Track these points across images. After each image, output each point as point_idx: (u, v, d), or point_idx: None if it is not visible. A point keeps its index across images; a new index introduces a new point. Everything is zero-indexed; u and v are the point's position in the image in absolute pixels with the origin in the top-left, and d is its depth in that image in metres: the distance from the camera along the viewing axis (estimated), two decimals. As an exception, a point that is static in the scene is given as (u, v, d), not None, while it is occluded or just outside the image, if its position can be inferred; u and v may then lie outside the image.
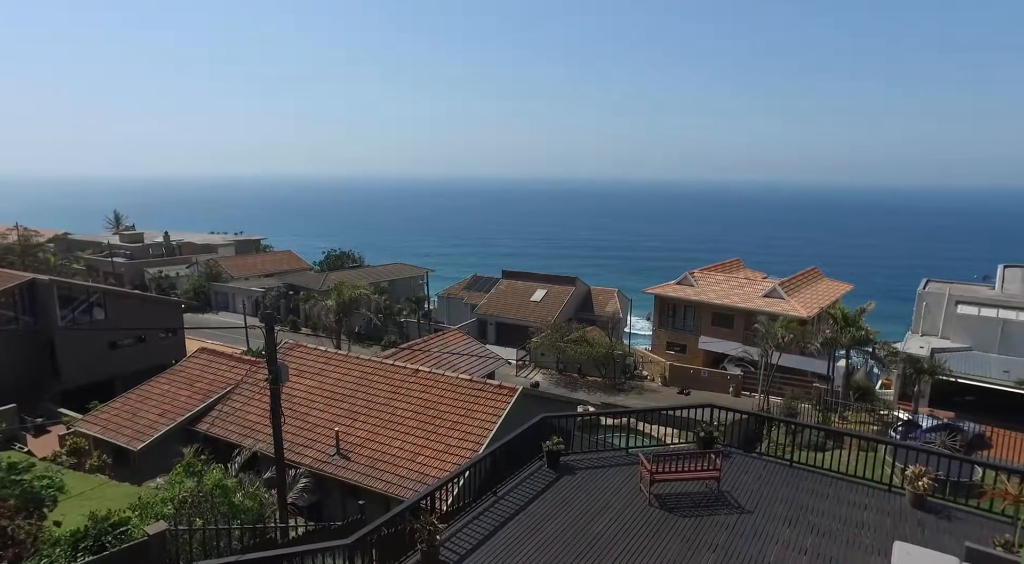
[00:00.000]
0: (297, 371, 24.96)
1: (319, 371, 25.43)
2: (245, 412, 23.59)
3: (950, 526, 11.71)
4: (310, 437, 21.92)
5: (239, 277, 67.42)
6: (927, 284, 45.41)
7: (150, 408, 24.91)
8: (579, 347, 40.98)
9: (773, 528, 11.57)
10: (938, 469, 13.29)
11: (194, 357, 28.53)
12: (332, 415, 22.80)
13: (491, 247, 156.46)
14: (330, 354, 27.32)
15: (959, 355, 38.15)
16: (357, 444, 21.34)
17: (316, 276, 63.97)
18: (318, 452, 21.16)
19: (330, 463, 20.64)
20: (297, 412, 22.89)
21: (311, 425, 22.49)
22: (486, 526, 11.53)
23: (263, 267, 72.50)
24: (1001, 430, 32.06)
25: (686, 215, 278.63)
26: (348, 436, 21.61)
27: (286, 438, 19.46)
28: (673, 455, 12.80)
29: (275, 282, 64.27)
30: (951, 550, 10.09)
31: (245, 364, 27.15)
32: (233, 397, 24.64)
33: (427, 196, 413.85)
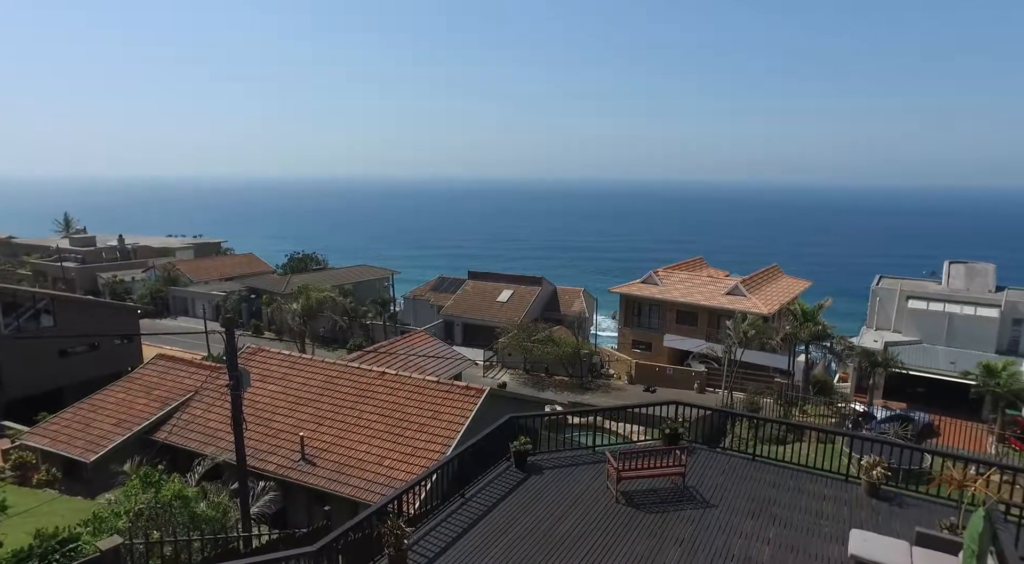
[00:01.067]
0: (260, 376, 24.43)
1: (283, 376, 24.94)
2: (206, 419, 22.98)
3: (902, 512, 12.14)
4: (274, 443, 21.47)
5: (198, 281, 65.71)
6: (880, 280, 47.01)
7: (104, 418, 24.04)
8: (546, 347, 41.16)
9: (737, 521, 11.81)
10: (891, 458, 13.78)
11: (151, 364, 27.66)
12: (297, 420, 22.39)
13: (457, 248, 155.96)
14: (294, 358, 26.83)
15: (910, 348, 39.63)
16: (323, 449, 21.00)
17: (279, 279, 62.77)
18: (283, 458, 20.75)
19: (295, 469, 20.26)
20: (260, 418, 22.42)
21: (275, 431, 22.04)
22: (454, 528, 11.47)
23: (224, 270, 70.80)
24: (948, 419, 33.46)
25: (650, 215, 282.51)
26: (313, 441, 21.25)
27: (249, 445, 19.04)
28: (639, 452, 12.95)
29: (236, 286, 62.83)
30: (903, 535, 10.47)
31: (205, 370, 26.45)
32: (193, 404, 23.98)
33: (389, 198, 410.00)
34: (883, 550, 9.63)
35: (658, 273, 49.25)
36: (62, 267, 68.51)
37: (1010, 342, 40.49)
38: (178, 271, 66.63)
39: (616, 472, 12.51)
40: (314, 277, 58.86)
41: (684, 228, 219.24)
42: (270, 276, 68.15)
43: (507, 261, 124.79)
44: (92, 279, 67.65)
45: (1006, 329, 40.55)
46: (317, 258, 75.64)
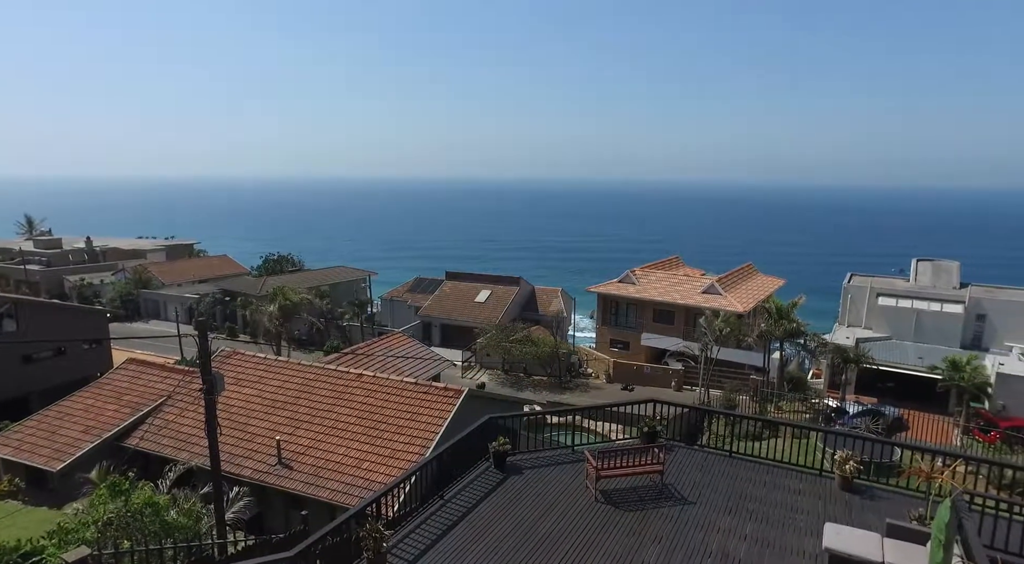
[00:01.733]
0: (235, 380, 24.05)
1: (258, 379, 24.57)
2: (179, 425, 22.54)
3: (873, 505, 12.40)
4: (250, 447, 21.15)
5: (171, 283, 64.43)
6: (851, 278, 47.95)
7: (72, 425, 23.42)
8: (524, 347, 41.20)
9: (715, 517, 11.94)
10: (863, 452, 14.06)
11: (122, 369, 27.04)
12: (273, 424, 22.09)
13: (434, 249, 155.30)
14: (270, 361, 26.46)
15: (880, 344, 40.50)
16: (300, 452, 20.75)
17: (254, 281, 61.84)
18: (259, 462, 20.45)
19: (271, 473, 19.98)
20: (236, 422, 22.06)
21: (251, 435, 21.71)
22: (434, 530, 11.41)
23: (197, 273, 69.50)
24: (917, 412, 34.30)
25: (625, 215, 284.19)
26: (290, 445, 20.98)
27: (224, 449, 18.72)
28: (618, 451, 13.02)
29: (210, 288, 61.74)
30: (875, 527, 10.69)
31: (178, 374, 25.96)
32: (165, 409, 23.51)
33: (367, 198, 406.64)
34: (855, 542, 9.82)
35: (635, 272, 49.59)
36: (25, 270, 66.61)
37: (973, 337, 41.62)
38: (149, 273, 65.23)
39: (595, 471, 12.56)
40: (290, 279, 58.14)
41: (659, 228, 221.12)
42: (245, 278, 67.12)
43: (485, 262, 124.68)
44: (59, 282, 65.87)
45: (970, 324, 41.68)
46: (293, 259, 74.70)
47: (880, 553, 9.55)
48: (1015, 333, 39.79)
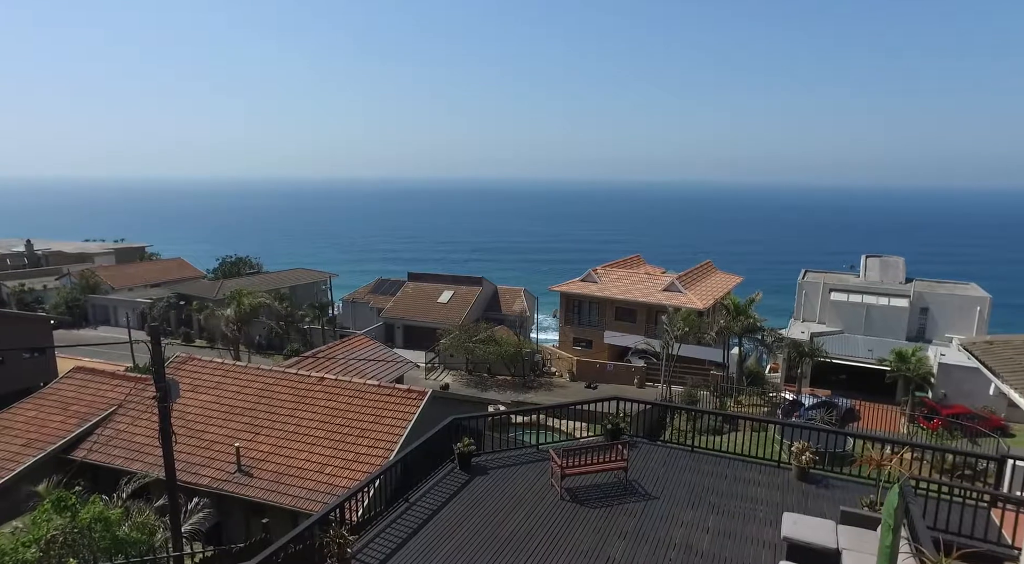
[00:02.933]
0: (191, 386, 23.31)
1: (216, 385, 23.88)
2: (131, 434, 21.73)
3: (828, 493, 12.83)
4: (208, 455, 20.54)
5: (121, 288, 62.10)
6: (805, 274, 49.48)
7: (11, 439, 22.23)
8: (488, 347, 41.16)
9: (678, 511, 12.15)
10: (818, 443, 14.53)
11: (67, 378, 25.88)
12: (232, 430, 21.50)
13: (394, 251, 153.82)
14: (228, 366, 25.75)
15: (833, 338, 41.90)
16: (260, 459, 20.26)
17: (210, 284, 60.16)
18: (217, 470, 19.89)
19: (231, 481, 19.45)
20: (192, 430, 21.40)
21: (208, 442, 21.08)
22: (399, 534, 11.31)
23: (149, 276, 67.17)
24: (867, 403, 35.64)
25: (586, 215, 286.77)
26: (250, 451, 20.46)
27: (180, 458, 18.17)
28: (582, 449, 13.13)
29: (164, 292, 59.77)
30: (829, 514, 11.06)
31: (130, 382, 24.99)
32: (116, 419, 22.63)
33: (328, 199, 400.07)
34: (812, 530, 10.13)
35: (597, 271, 50.09)
36: (-43, 276, 63.39)
37: (918, 329, 43.50)
38: (97, 278, 62.69)
39: (560, 469, 12.64)
40: (248, 281, 56.79)
41: (620, 227, 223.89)
42: (201, 281, 65.25)
43: (448, 263, 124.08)
44: (-5, 288, 62.88)
45: (914, 317, 43.54)
46: (251, 262, 73.01)
47: (835, 539, 9.88)
48: (955, 325, 41.73)
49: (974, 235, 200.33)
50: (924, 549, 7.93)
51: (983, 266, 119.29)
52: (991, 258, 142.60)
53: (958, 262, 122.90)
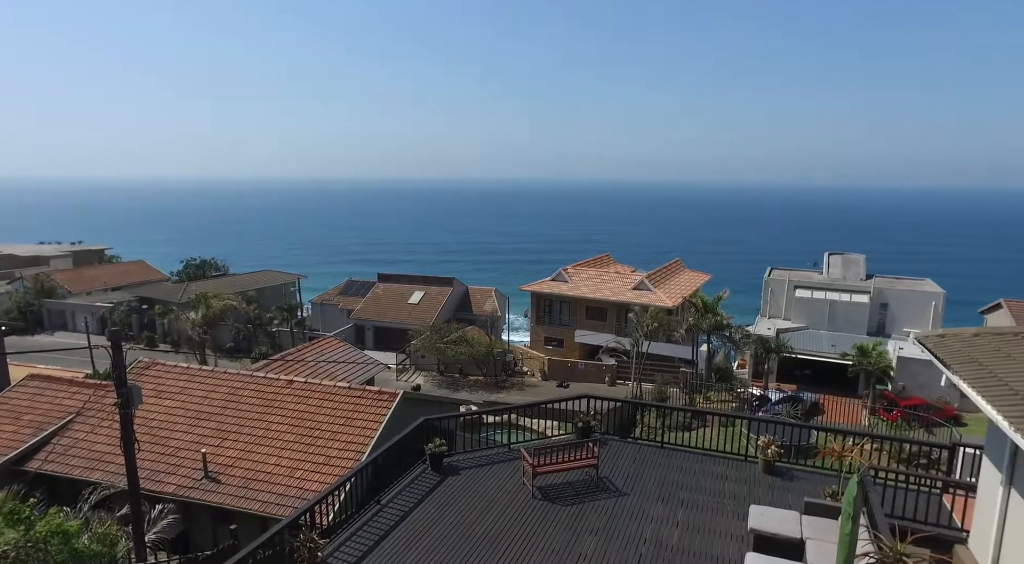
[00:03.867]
0: (155, 391, 22.75)
1: (181, 390, 23.35)
2: (91, 443, 21.10)
3: (793, 485, 13.16)
4: (173, 462, 20.08)
5: (79, 292, 60.19)
6: (771, 272, 50.51)
7: (-41, 451, 21.42)
8: (459, 347, 41.05)
9: (648, 507, 12.32)
10: (783, 437, 14.88)
11: (20, 386, 24.95)
12: (198, 436, 21.05)
13: (363, 253, 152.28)
14: (193, 371, 25.19)
15: (798, 334, 42.90)
16: (228, 465, 19.88)
17: (174, 287, 58.71)
18: (183, 478, 19.45)
19: (197, 488, 19.04)
20: (157, 437, 20.89)
21: (174, 449, 20.61)
22: (371, 536, 11.24)
23: (109, 280, 65.22)
24: (831, 397, 36.62)
25: (555, 215, 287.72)
26: (217, 457, 20.06)
27: (144, 466, 17.73)
28: (553, 447, 13.22)
29: (125, 296, 58.15)
30: (794, 505, 11.34)
31: (89, 388, 24.27)
32: (75, 427, 21.94)
33: (298, 199, 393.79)
34: (777, 521, 10.37)
35: (567, 270, 50.37)
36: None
37: (878, 324, 44.81)
38: (53, 282, 60.61)
39: (531, 468, 12.71)
40: (214, 284, 55.57)
41: (590, 226, 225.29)
42: (164, 284, 63.61)
43: (419, 265, 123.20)
44: (-60, 294, 60.38)
45: (875, 313, 44.84)
46: (217, 264, 71.42)
47: (799, 530, 10.14)
48: (912, 320, 43.08)
49: (935, 233, 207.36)
50: (882, 536, 8.20)
51: (943, 264, 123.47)
52: (950, 255, 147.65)
53: (919, 260, 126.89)
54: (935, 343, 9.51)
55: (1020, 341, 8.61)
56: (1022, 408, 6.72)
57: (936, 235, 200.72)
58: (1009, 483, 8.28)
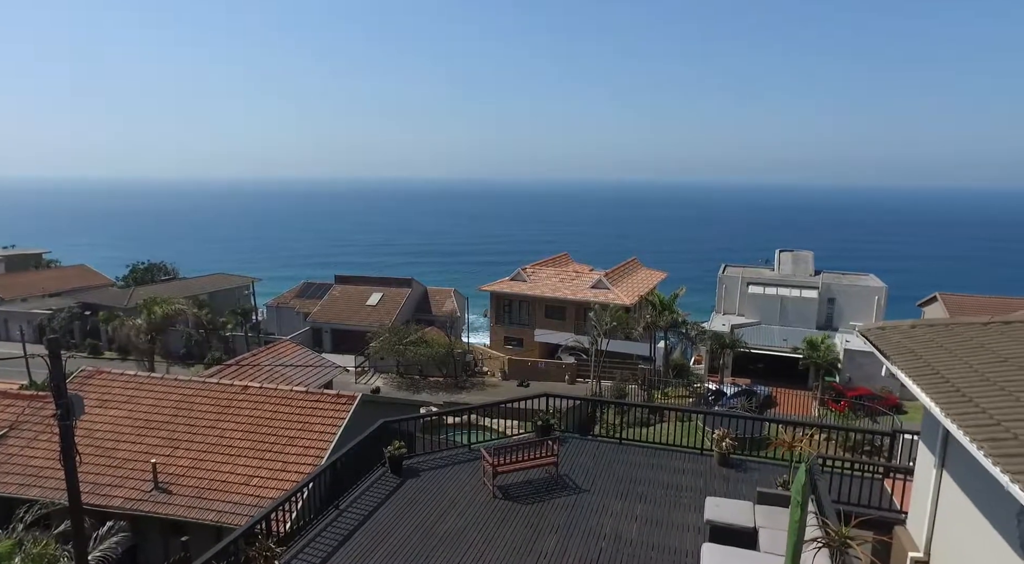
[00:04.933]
0: (99, 401, 21.85)
1: (128, 399, 22.47)
2: (27, 458, 20.09)
3: (747, 476, 13.54)
4: (120, 475, 19.30)
5: (13, 298, 57.29)
6: (725, 269, 51.79)
7: None
8: (419, 348, 40.76)
9: (607, 502, 12.49)
10: (738, 429, 15.29)
11: (-51, 398, 23.64)
12: (147, 446, 20.30)
13: (321, 254, 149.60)
14: (141, 378, 24.28)
15: (751, 329, 44.14)
16: (180, 474, 19.24)
17: (120, 292, 56.49)
18: (131, 490, 18.72)
19: (146, 501, 18.36)
20: (102, 449, 20.05)
21: (121, 461, 19.81)
22: (330, 542, 11.07)
23: (47, 285, 62.23)
24: (783, 389, 37.78)
25: (512, 215, 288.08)
26: (168, 467, 19.39)
27: (87, 480, 17.02)
28: (513, 446, 13.27)
29: (66, 302, 55.58)
30: (748, 496, 11.68)
31: (24, 400, 23.12)
32: (9, 441, 20.88)
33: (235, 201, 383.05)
34: (732, 512, 10.67)
35: (526, 270, 50.56)
36: None
37: (826, 318, 46.50)
38: (-16, 288, 57.63)
39: (491, 467, 12.73)
40: (163, 288, 53.70)
41: (548, 226, 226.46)
42: (109, 290, 61.12)
43: (379, 268, 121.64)
44: None
45: (823, 307, 46.51)
46: (166, 268, 69.00)
47: (752, 519, 10.45)
48: (857, 313, 44.86)
49: (884, 231, 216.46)
50: (828, 521, 8.53)
51: (892, 261, 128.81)
52: (893, 252, 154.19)
53: (864, 257, 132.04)
54: (876, 335, 9.93)
55: (951, 332, 9.08)
56: (952, 395, 7.08)
57: (878, 233, 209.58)
58: (941, 465, 8.72)
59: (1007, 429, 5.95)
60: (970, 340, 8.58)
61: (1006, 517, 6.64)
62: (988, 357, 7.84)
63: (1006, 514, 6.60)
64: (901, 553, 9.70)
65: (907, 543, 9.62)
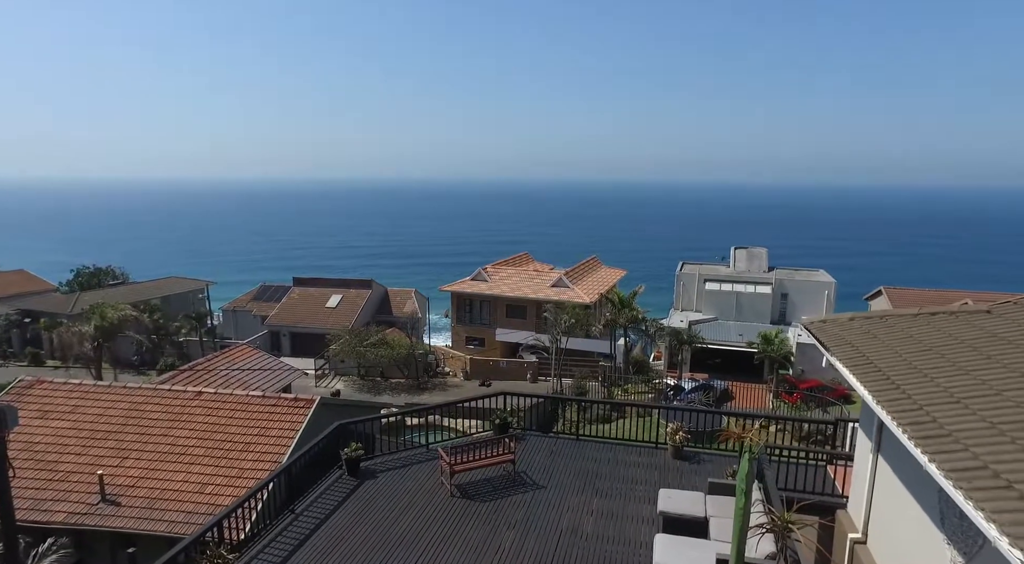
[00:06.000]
0: (40, 412, 20.99)
1: (72, 409, 21.63)
2: (-36, 471, 19.21)
3: (699, 468, 13.91)
4: (63, 488, 18.58)
5: (-56, 306, 54.45)
6: (683, 266, 52.86)
7: None
8: (380, 350, 40.39)
9: (564, 497, 12.66)
10: (695, 423, 15.68)
11: None
12: (93, 458, 19.58)
13: (280, 254, 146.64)
14: (87, 387, 23.39)
15: (708, 325, 45.16)
16: (129, 485, 18.63)
17: (64, 298, 54.28)
18: (75, 504, 18.04)
19: (93, 514, 17.74)
20: (43, 461, 19.26)
21: (64, 474, 19.07)
22: (285, 546, 10.93)
23: (-18, 292, 59.40)
24: (740, 383, 38.82)
25: (469, 215, 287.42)
26: (117, 478, 18.75)
27: (26, 495, 16.44)
28: (470, 445, 13.32)
29: (3, 309, 53.13)
30: (700, 487, 12.00)
31: (-41, 412, 22.05)
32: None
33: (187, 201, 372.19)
34: (684, 503, 10.96)
35: (487, 269, 50.61)
36: None
37: (780, 314, 47.93)
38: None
39: (449, 467, 12.76)
40: (111, 293, 51.77)
41: (507, 226, 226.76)
42: (51, 295, 58.61)
43: (338, 271, 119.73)
44: None
45: (776, 302, 47.95)
46: (115, 272, 66.52)
47: (703, 509, 10.76)
48: (809, 308, 46.39)
49: (830, 228, 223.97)
50: (773, 508, 8.85)
51: (837, 257, 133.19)
52: (844, 249, 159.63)
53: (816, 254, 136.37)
54: (817, 328, 10.36)
55: (885, 323, 9.54)
56: (883, 383, 7.45)
57: (830, 230, 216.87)
58: (877, 450, 9.15)
59: (927, 413, 6.30)
60: (900, 331, 9.03)
61: (930, 495, 7.02)
62: (915, 346, 8.27)
63: (930, 493, 6.98)
64: (842, 535, 10.14)
65: (847, 525, 10.06)
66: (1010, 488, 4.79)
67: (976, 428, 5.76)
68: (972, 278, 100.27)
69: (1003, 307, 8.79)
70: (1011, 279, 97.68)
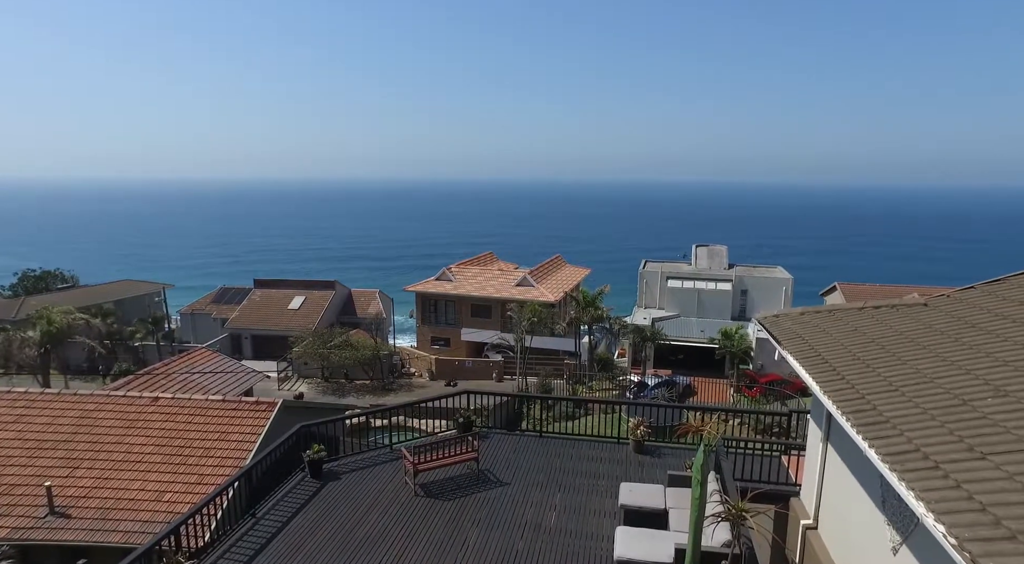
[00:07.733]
0: (-17, 423, 20.16)
1: (17, 418, 20.80)
2: None
3: (660, 461, 14.19)
4: (6, 502, 17.84)
5: None
6: (645, 264, 53.64)
7: None
8: (344, 352, 39.93)
9: (527, 494, 12.77)
10: (658, 418, 15.98)
11: None
12: (40, 469, 18.86)
13: (239, 256, 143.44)
14: (33, 395, 22.51)
15: (671, 321, 45.96)
16: (80, 496, 18.02)
17: (8, 303, 52.06)
18: (20, 518, 17.35)
19: (40, 528, 17.10)
20: (-14, 474, 18.53)
21: (8, 486, 18.31)
22: (246, 551, 10.77)
23: (-82, 298, 56.56)
24: (702, 378, 39.61)
25: (434, 215, 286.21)
26: (66, 489, 18.12)
27: (-28, 506, 15.70)
28: (434, 444, 13.32)
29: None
30: (660, 479, 12.26)
31: None
32: None
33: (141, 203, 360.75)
34: (644, 495, 11.18)
35: (451, 269, 50.49)
36: None
37: (740, 310, 49.08)
38: None
39: (412, 466, 12.74)
40: (60, 297, 49.87)
41: (471, 225, 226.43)
42: (-5, 300, 56.24)
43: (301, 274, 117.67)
44: None
45: (737, 299, 49.08)
46: (63, 275, 64.06)
47: (663, 501, 11.00)
48: (768, 304, 47.63)
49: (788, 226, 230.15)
50: (729, 497, 9.12)
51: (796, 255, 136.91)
52: (803, 247, 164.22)
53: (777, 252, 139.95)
54: (770, 323, 10.68)
55: (833, 317, 9.91)
56: (830, 374, 7.76)
57: (789, 228, 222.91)
58: (827, 439, 9.52)
59: (869, 401, 6.60)
60: (847, 324, 9.40)
61: (873, 480, 7.35)
62: (860, 338, 8.63)
63: (873, 477, 7.31)
64: (795, 522, 10.49)
65: (800, 512, 10.42)
66: (937, 468, 5.07)
67: (910, 414, 6.06)
68: (925, 275, 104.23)
69: (938, 300, 9.23)
70: (956, 277, 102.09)
